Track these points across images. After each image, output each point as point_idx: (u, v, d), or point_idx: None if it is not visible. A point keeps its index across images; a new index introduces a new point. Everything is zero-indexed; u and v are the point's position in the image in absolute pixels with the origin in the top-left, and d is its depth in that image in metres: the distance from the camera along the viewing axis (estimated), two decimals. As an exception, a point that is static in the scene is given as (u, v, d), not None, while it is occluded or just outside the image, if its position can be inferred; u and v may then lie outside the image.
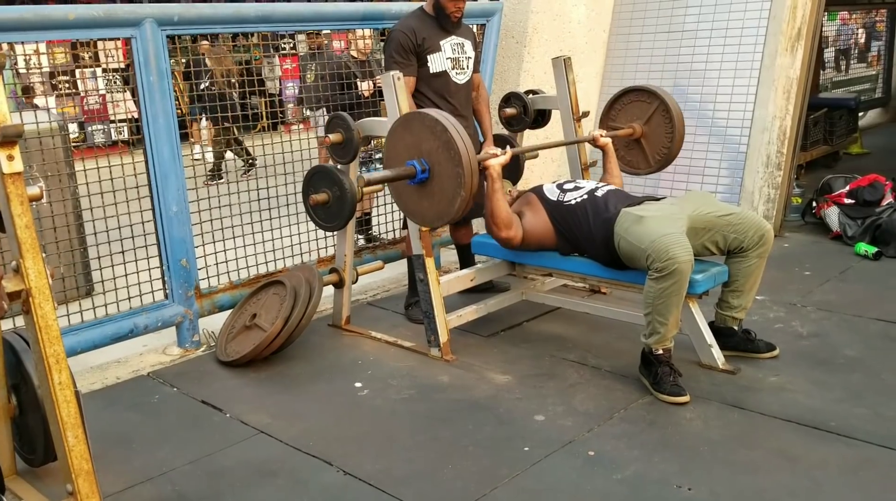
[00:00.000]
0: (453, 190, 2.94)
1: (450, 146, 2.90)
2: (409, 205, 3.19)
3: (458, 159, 2.89)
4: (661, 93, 3.99)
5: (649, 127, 4.02)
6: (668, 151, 4.00)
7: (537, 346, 3.66)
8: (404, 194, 3.17)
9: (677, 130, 3.95)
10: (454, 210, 2.98)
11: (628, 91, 4.11)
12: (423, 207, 3.11)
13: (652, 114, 4.01)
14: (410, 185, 3.08)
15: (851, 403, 2.97)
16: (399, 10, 4.44)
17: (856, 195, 5.18)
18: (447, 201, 2.98)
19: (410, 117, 3.10)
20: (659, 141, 4.02)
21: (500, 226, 3.45)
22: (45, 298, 2.18)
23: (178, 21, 3.55)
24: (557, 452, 2.71)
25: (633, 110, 4.09)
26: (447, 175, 2.95)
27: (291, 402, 3.19)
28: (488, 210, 3.44)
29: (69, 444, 2.22)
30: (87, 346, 3.44)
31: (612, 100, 4.17)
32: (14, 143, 2.13)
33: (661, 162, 4.04)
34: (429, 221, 3.21)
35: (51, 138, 4.19)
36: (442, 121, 2.94)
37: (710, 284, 3.28)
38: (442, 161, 2.95)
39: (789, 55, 5.03)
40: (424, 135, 2.99)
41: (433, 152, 2.97)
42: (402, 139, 3.08)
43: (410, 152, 3.04)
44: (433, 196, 3.04)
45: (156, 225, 3.66)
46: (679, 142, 3.98)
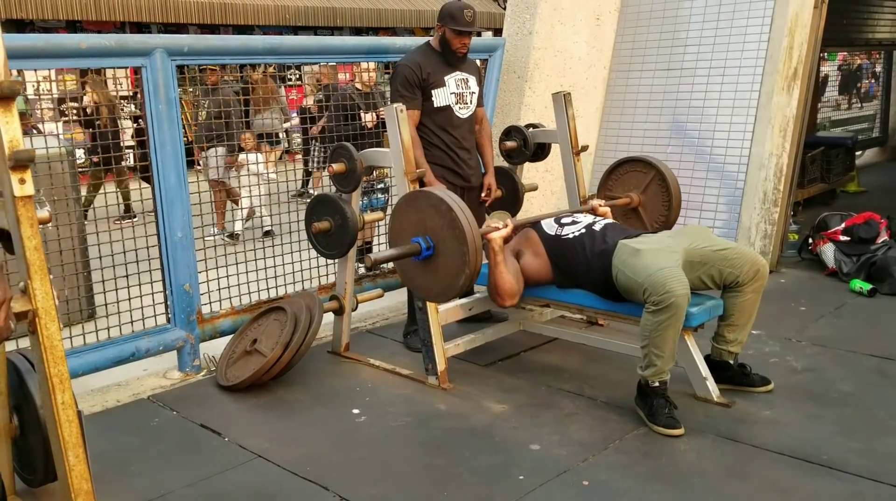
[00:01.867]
0: (458, 267, 3.00)
1: (454, 225, 2.96)
2: (414, 280, 3.24)
3: (462, 238, 2.94)
4: (657, 163, 4.11)
5: (646, 196, 4.12)
6: (666, 219, 4.09)
7: (534, 376, 3.69)
8: (409, 270, 3.22)
9: (674, 198, 4.05)
10: (458, 286, 3.04)
11: (624, 162, 4.23)
12: (428, 282, 3.16)
13: (648, 183, 4.12)
14: (415, 261, 3.14)
15: (844, 437, 3.00)
16: (404, 44, 4.54)
17: (851, 233, 5.24)
18: (451, 278, 3.04)
19: (416, 195, 3.17)
20: (656, 209, 4.11)
21: (504, 297, 3.48)
22: (51, 319, 2.22)
23: (187, 51, 3.64)
24: (552, 481, 2.73)
25: (629, 180, 4.19)
26: (452, 253, 3.01)
27: (290, 427, 3.22)
28: (492, 283, 3.48)
29: (70, 464, 2.24)
30: (88, 368, 3.47)
31: (609, 170, 4.27)
32: (26, 167, 2.18)
33: (658, 230, 4.10)
34: (433, 296, 3.26)
35: (59, 163, 4.26)
36: (447, 200, 3.00)
37: (705, 317, 3.32)
38: (447, 239, 3.01)
39: (786, 94, 5.12)
40: (429, 213, 3.05)
41: (438, 230, 3.03)
42: (406, 217, 3.15)
43: (415, 229, 3.10)
44: (437, 272, 3.09)
45: (160, 250, 3.71)
46: (676, 210, 4.08)
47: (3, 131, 2.13)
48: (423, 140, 3.90)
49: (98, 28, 11.99)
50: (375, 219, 4.04)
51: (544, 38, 5.35)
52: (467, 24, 3.89)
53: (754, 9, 5.19)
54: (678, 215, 4.10)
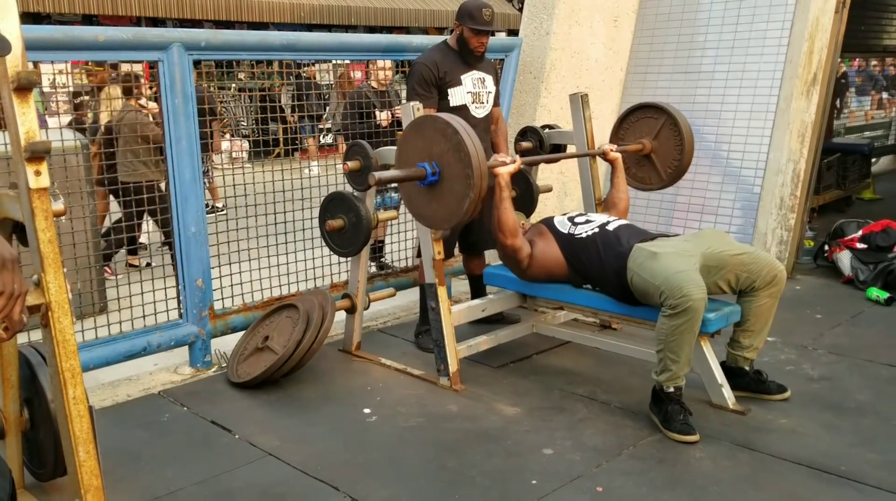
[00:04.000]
0: (462, 191, 2.95)
1: (459, 148, 2.92)
2: (419, 207, 3.19)
3: (467, 161, 2.90)
4: (668, 107, 4.03)
5: (658, 142, 4.04)
6: (679, 164, 4.01)
7: (547, 379, 3.66)
8: (414, 197, 3.18)
9: (686, 142, 3.95)
10: (463, 212, 2.97)
11: (636, 109, 4.14)
12: (433, 209, 3.11)
13: (660, 129, 4.03)
14: (420, 187, 3.08)
15: (862, 447, 2.96)
16: (421, 42, 4.52)
17: (868, 240, 5.18)
18: (456, 203, 2.98)
19: (422, 121, 3.12)
20: (669, 154, 4.03)
21: (506, 233, 3.45)
22: (64, 312, 2.21)
23: (205, 46, 3.62)
24: (565, 486, 2.70)
25: (641, 127, 4.12)
26: (457, 177, 2.96)
27: (300, 426, 3.20)
28: (495, 218, 3.44)
29: (80, 459, 2.23)
30: (99, 362, 3.46)
31: (621, 118, 4.20)
32: (42, 159, 2.17)
33: (672, 175, 4.05)
34: (438, 223, 3.20)
35: (74, 156, 4.26)
36: (453, 123, 2.95)
37: (722, 323, 3.28)
38: (452, 163, 2.96)
39: (805, 99, 5.07)
40: (435, 138, 3.00)
41: (443, 155, 2.98)
42: (413, 143, 3.09)
43: (421, 155, 3.06)
44: (443, 198, 3.04)
45: (174, 245, 3.70)
46: (689, 154, 3.99)
47: (19, 122, 2.12)
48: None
49: (114, 23, 12.03)
50: (389, 218, 4.01)
51: (561, 38, 5.32)
52: (486, 23, 3.86)
53: (774, 12, 5.14)
54: (690, 160, 4.01)
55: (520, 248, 3.50)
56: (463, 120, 3.04)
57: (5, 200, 2.27)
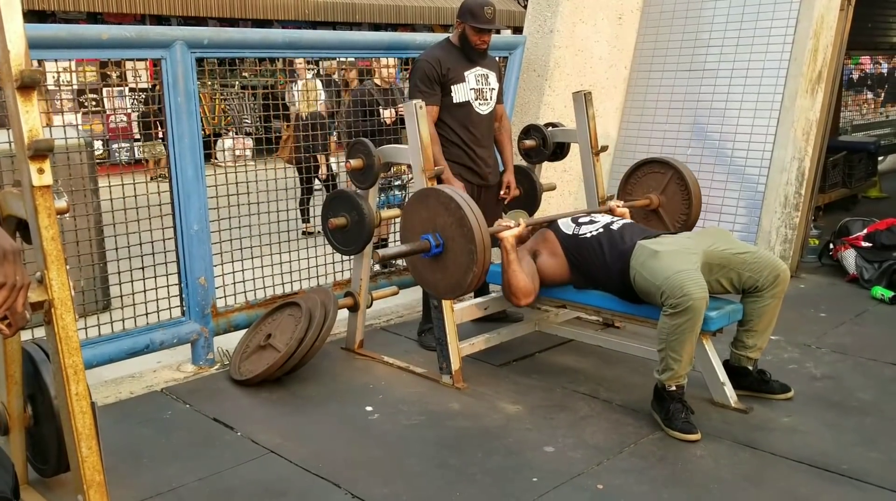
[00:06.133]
0: (466, 265, 2.99)
1: (463, 223, 2.95)
2: (424, 276, 3.23)
3: (470, 236, 2.93)
4: (675, 162, 4.07)
5: (666, 196, 4.08)
6: (687, 218, 4.03)
7: (549, 377, 3.66)
8: (419, 267, 3.22)
9: (694, 196, 3.99)
10: (467, 284, 3.02)
11: (642, 164, 4.18)
12: (437, 279, 3.16)
13: (667, 183, 4.07)
14: (425, 258, 3.13)
15: (864, 447, 2.95)
16: (424, 40, 4.52)
17: (873, 239, 5.16)
18: (460, 275, 3.03)
19: (426, 193, 3.16)
20: (676, 209, 4.06)
21: (518, 297, 3.44)
22: (66, 309, 2.22)
23: (207, 44, 3.63)
24: (566, 484, 2.70)
25: (648, 182, 4.15)
26: (460, 250, 3.00)
27: (302, 423, 3.21)
28: (505, 282, 3.44)
29: (82, 455, 2.24)
30: (102, 360, 3.47)
31: (627, 174, 4.23)
32: (45, 156, 2.18)
33: (680, 229, 4.05)
34: (442, 292, 3.25)
35: (77, 154, 4.27)
36: (455, 198, 2.99)
37: (724, 321, 3.28)
38: (455, 237, 3.00)
39: (809, 97, 5.05)
40: (439, 210, 3.04)
41: (447, 228, 3.02)
42: (417, 213, 3.14)
43: (425, 226, 3.10)
44: (447, 270, 3.09)
45: (176, 243, 3.71)
46: (697, 209, 4.02)
47: (23, 120, 2.13)
48: (441, 137, 3.88)
49: (119, 20, 12.06)
50: (392, 216, 4.01)
51: (565, 36, 5.31)
52: (487, 21, 3.86)
53: (779, 10, 5.13)
54: (699, 214, 4.04)
55: (531, 301, 3.50)
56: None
57: (9, 197, 2.28)
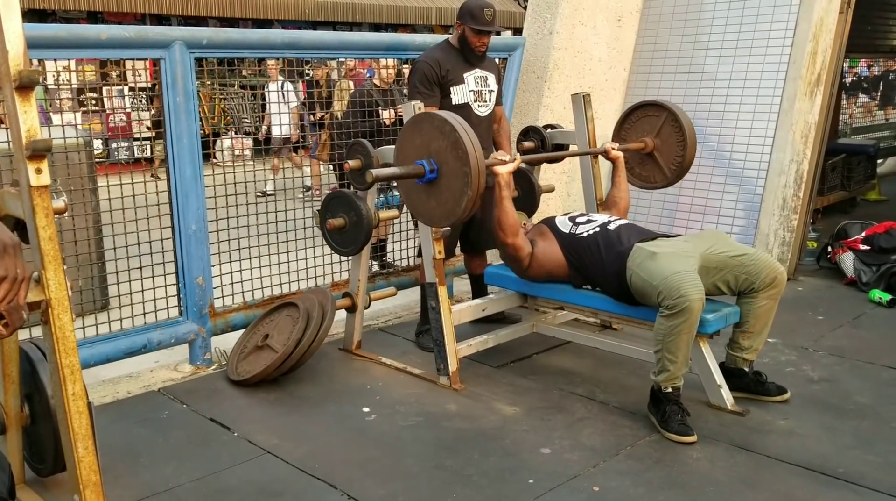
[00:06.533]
0: (461, 189, 2.95)
1: (457, 146, 2.92)
2: (418, 205, 3.20)
3: (465, 159, 2.90)
4: (669, 104, 4.03)
5: (661, 139, 4.04)
6: (682, 160, 4.00)
7: (546, 379, 3.66)
8: (413, 194, 3.19)
9: (688, 137, 3.95)
10: (461, 209, 2.98)
11: (637, 107, 4.15)
12: (431, 206, 3.12)
13: (661, 126, 4.03)
14: (419, 184, 3.09)
15: (861, 450, 2.95)
16: (423, 41, 4.52)
17: (871, 242, 5.17)
18: (454, 201, 2.99)
19: (420, 118, 3.12)
20: (672, 151, 4.03)
21: (506, 233, 3.44)
22: (63, 309, 2.22)
23: (206, 44, 3.63)
24: (562, 486, 2.71)
25: (643, 126, 4.12)
26: (455, 174, 2.96)
27: (299, 424, 3.21)
28: (495, 217, 3.44)
29: (79, 455, 2.24)
30: (100, 359, 3.48)
31: (622, 118, 4.20)
32: (43, 156, 2.18)
33: (676, 172, 4.04)
34: (436, 220, 3.20)
35: (76, 153, 4.27)
36: (451, 121, 2.96)
37: (721, 324, 3.28)
38: (450, 160, 2.97)
39: (808, 100, 5.06)
40: (433, 135, 3.01)
41: (441, 152, 2.99)
42: (411, 140, 3.10)
43: (420, 153, 3.06)
44: (441, 195, 3.05)
45: (174, 243, 3.71)
46: (692, 149, 3.97)
47: (21, 120, 2.13)
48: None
49: (119, 20, 12.06)
50: (391, 217, 4.01)
51: (565, 38, 5.31)
52: (487, 23, 3.86)
53: (778, 13, 5.13)
54: (694, 156, 4.00)
55: (521, 247, 3.50)
56: (461, 117, 3.05)
57: (7, 197, 2.29)
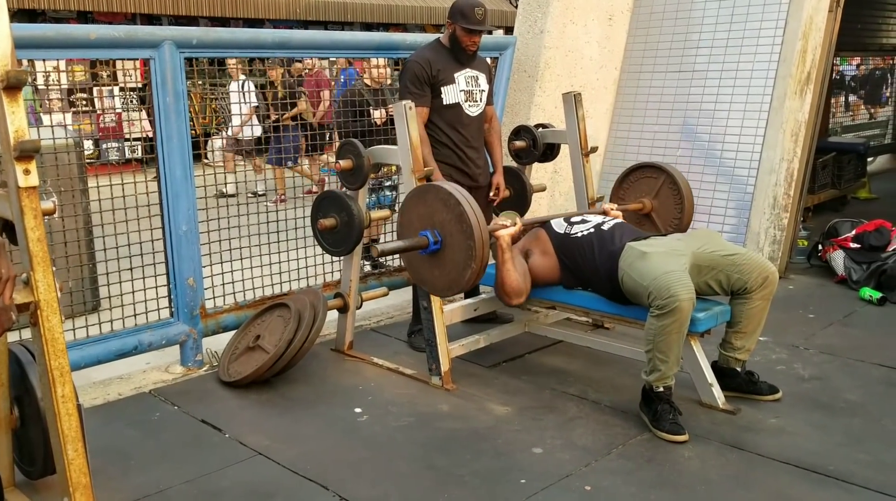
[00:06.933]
0: (464, 262, 2.99)
1: (462, 219, 2.96)
2: (421, 274, 3.23)
3: (469, 232, 2.94)
4: (667, 167, 4.12)
5: (658, 201, 4.12)
6: (679, 223, 4.07)
7: (538, 378, 3.66)
8: (416, 263, 3.22)
9: (686, 200, 4.04)
10: (464, 281, 3.03)
11: (635, 169, 4.23)
12: (434, 276, 3.16)
13: (660, 188, 4.12)
14: (423, 255, 3.13)
15: (851, 448, 2.96)
16: (414, 40, 4.52)
17: (862, 240, 5.19)
18: (458, 272, 3.03)
19: (425, 189, 3.17)
20: (669, 213, 4.10)
21: (510, 296, 3.46)
22: (52, 311, 2.21)
23: (196, 44, 3.62)
24: (554, 485, 2.71)
25: (641, 187, 4.19)
26: (459, 247, 3.00)
27: (291, 425, 3.20)
28: (498, 281, 3.46)
29: (69, 457, 2.23)
30: (91, 361, 3.46)
31: (620, 179, 4.27)
32: (31, 157, 2.17)
33: (673, 233, 4.07)
34: (439, 290, 3.25)
35: (66, 154, 4.25)
36: (455, 194, 2.99)
37: (712, 323, 3.29)
38: (454, 233, 3.00)
39: (798, 98, 5.07)
40: (437, 206, 3.05)
41: (446, 224, 3.03)
42: (415, 210, 3.14)
43: (423, 223, 3.10)
44: (444, 267, 3.09)
45: (165, 244, 3.70)
46: (689, 212, 4.06)
47: (8, 121, 2.11)
48: (431, 138, 3.88)
49: (109, 19, 12.01)
50: (382, 217, 4.01)
51: (556, 37, 5.32)
52: (478, 22, 3.86)
53: (768, 11, 5.14)
54: (691, 218, 4.08)
55: (523, 300, 3.53)
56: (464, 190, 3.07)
57: (-5, 198, 2.27)
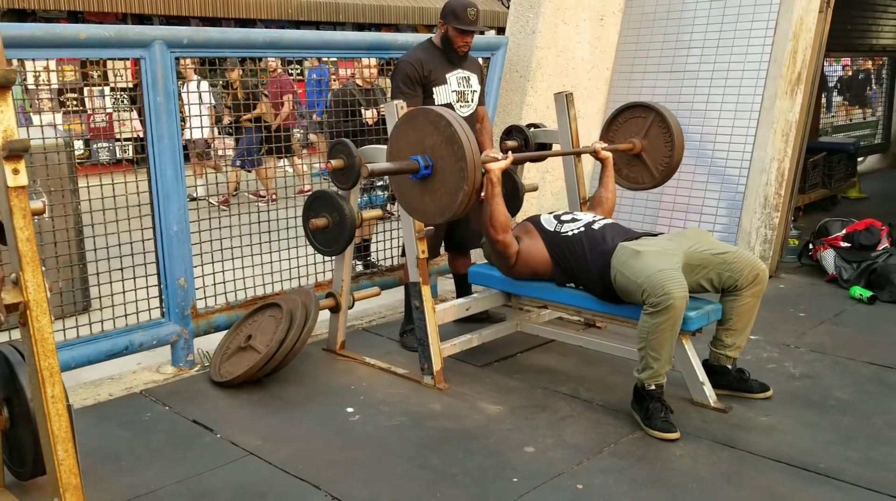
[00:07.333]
0: (456, 184, 2.91)
1: (453, 141, 2.89)
2: (412, 201, 3.16)
3: (461, 154, 2.87)
4: (657, 105, 4.03)
5: (648, 140, 4.04)
6: (670, 161, 4.00)
7: (530, 377, 3.66)
8: (406, 190, 3.14)
9: (676, 138, 3.95)
10: (457, 205, 2.94)
11: (624, 109, 4.15)
12: (426, 202, 3.08)
13: (649, 127, 4.03)
14: (413, 180, 3.05)
15: (842, 445, 2.98)
16: (406, 40, 4.51)
17: (852, 239, 5.21)
18: (450, 196, 2.95)
19: (414, 114, 3.08)
20: (659, 152, 4.03)
21: (497, 229, 3.45)
22: (42, 311, 2.20)
23: (187, 44, 3.61)
24: (546, 484, 2.71)
25: (630, 127, 4.12)
26: (450, 170, 2.93)
27: (282, 425, 3.19)
28: (487, 213, 3.45)
29: (59, 458, 2.22)
30: (81, 361, 3.45)
31: (610, 119, 4.20)
32: (20, 157, 2.16)
33: (664, 172, 4.04)
34: (431, 216, 3.16)
35: (56, 154, 4.24)
36: (446, 116, 2.93)
37: (703, 321, 3.30)
38: (445, 156, 2.93)
39: (789, 99, 5.09)
40: (428, 130, 2.96)
41: (436, 148, 2.95)
42: (405, 136, 3.06)
43: (413, 148, 3.02)
44: (436, 191, 3.01)
45: (156, 243, 3.68)
46: (679, 150, 3.98)
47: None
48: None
49: (100, 19, 11.96)
50: (374, 216, 4.01)
51: (547, 37, 5.32)
52: (470, 22, 3.86)
53: (759, 12, 5.17)
54: (681, 156, 4.00)
55: (510, 244, 3.51)
56: (456, 112, 3.03)
57: (-17, 198, 2.26)
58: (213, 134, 8.39)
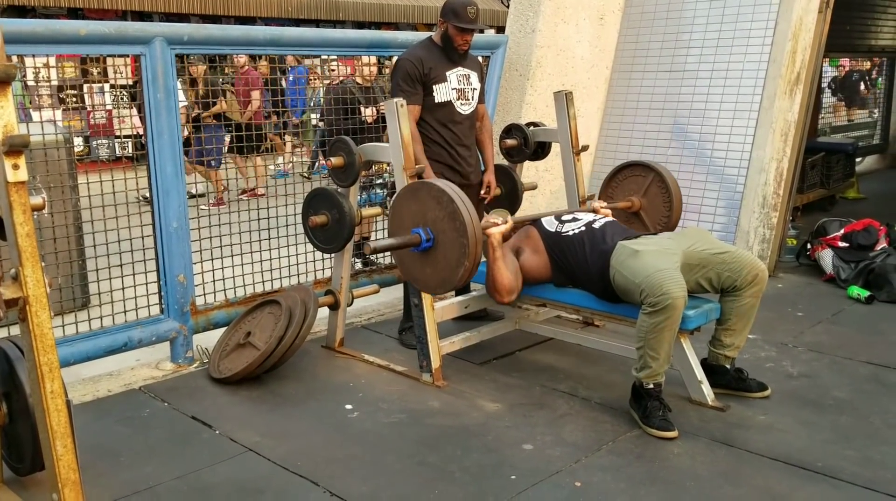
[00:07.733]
0: (457, 260, 2.98)
1: (455, 217, 2.95)
2: (413, 272, 3.22)
3: (462, 230, 2.93)
4: (655, 165, 4.13)
5: (647, 199, 4.13)
6: (668, 221, 4.09)
7: (529, 375, 3.67)
8: (408, 261, 3.21)
9: (674, 198, 4.05)
10: (457, 279, 3.02)
11: (623, 167, 4.24)
12: (427, 274, 3.15)
13: (648, 186, 4.13)
14: (414, 252, 3.12)
15: (839, 445, 2.98)
16: (406, 38, 4.52)
17: (850, 239, 5.22)
18: (451, 271, 3.02)
19: (417, 186, 3.15)
20: (658, 211, 4.11)
21: (501, 293, 3.48)
22: (41, 306, 2.20)
23: (187, 41, 3.61)
24: (544, 482, 2.72)
25: (630, 185, 4.21)
26: (451, 245, 2.99)
27: (281, 421, 3.20)
28: (489, 279, 3.47)
29: (58, 453, 2.22)
30: (80, 357, 3.45)
31: (609, 177, 4.29)
32: (20, 152, 2.16)
33: (662, 231, 4.09)
34: (432, 288, 3.25)
35: (56, 150, 4.24)
36: (448, 191, 2.99)
37: (702, 320, 3.30)
38: (447, 230, 3.00)
39: (788, 99, 5.10)
40: (430, 204, 3.04)
41: (438, 221, 3.02)
42: (407, 207, 3.13)
43: (415, 220, 3.09)
44: (437, 264, 3.08)
45: (155, 240, 3.69)
46: (678, 211, 4.08)
47: (-3, 116, 2.11)
48: (422, 136, 3.88)
49: (99, 16, 11.95)
50: (373, 214, 4.01)
51: (547, 36, 5.33)
52: (470, 20, 3.86)
53: (758, 12, 5.17)
54: (680, 216, 4.10)
55: (514, 299, 3.55)
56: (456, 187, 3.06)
57: (-17, 194, 2.26)
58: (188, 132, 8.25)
